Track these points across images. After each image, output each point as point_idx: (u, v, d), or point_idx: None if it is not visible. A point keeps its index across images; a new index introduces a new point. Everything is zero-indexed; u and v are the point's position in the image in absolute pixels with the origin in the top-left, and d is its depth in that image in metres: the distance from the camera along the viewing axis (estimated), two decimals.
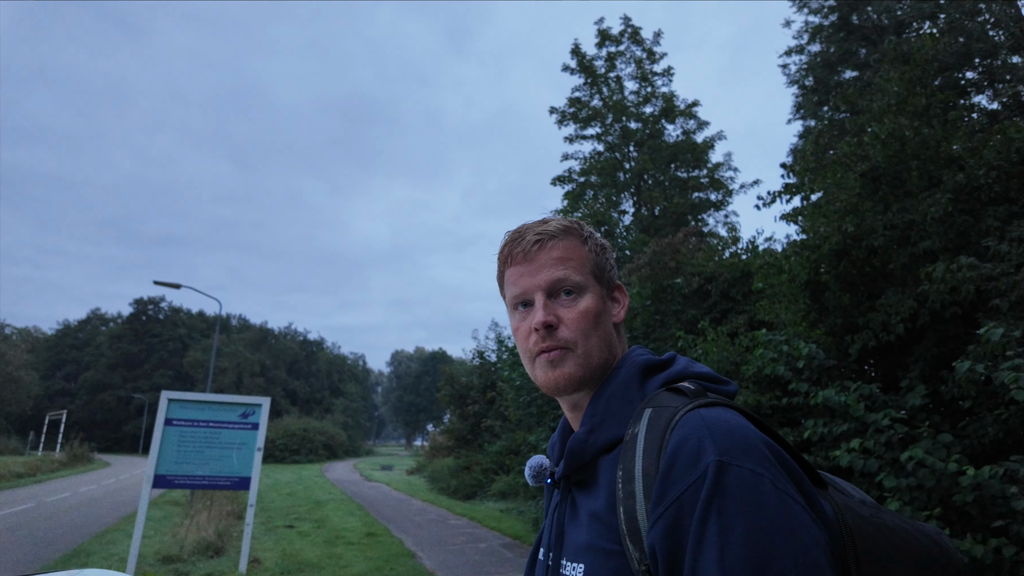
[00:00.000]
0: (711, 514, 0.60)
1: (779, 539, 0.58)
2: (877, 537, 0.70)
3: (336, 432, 49.79)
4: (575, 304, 0.85)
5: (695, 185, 17.38)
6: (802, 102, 18.13)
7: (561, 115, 18.22)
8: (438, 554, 8.76)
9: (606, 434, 0.78)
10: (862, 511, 0.72)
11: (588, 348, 0.84)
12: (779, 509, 0.60)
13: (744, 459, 0.62)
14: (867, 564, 0.67)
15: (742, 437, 0.65)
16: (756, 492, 0.60)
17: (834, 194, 6.21)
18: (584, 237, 0.90)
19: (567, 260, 0.86)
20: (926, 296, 5.20)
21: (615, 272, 0.93)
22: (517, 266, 0.89)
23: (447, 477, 19.67)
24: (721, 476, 0.61)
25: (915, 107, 6.02)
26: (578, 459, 0.80)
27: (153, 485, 6.55)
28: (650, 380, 0.82)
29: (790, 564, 0.57)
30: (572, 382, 0.83)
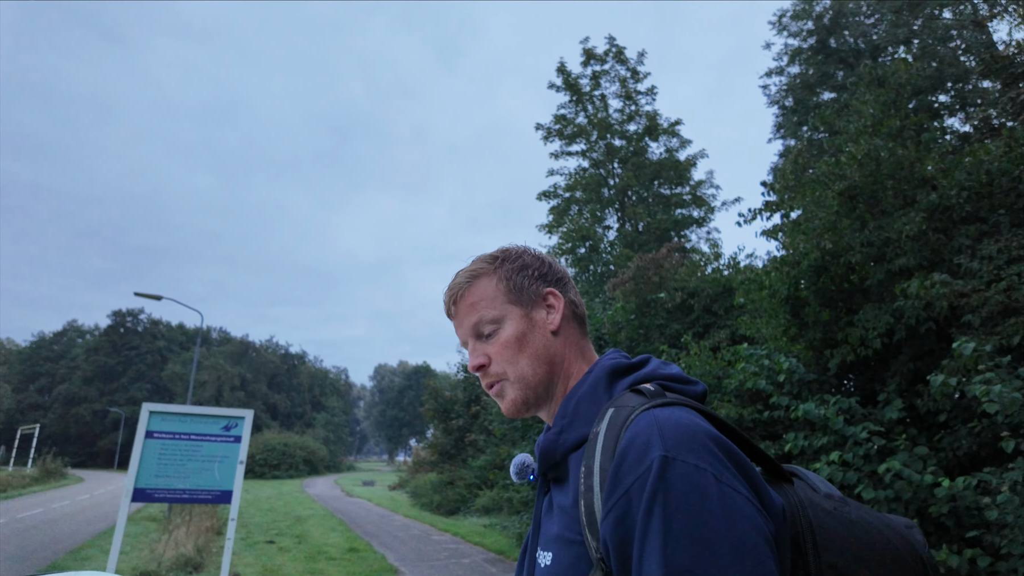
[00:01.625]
0: (655, 507, 0.64)
1: (720, 531, 0.61)
2: (839, 530, 0.73)
3: (317, 447, 49.07)
4: (497, 338, 0.94)
5: (678, 202, 17.65)
6: (782, 122, 18.54)
7: (547, 131, 18.46)
8: (421, 569, 8.69)
9: (574, 433, 0.83)
10: (825, 504, 0.76)
11: (519, 372, 0.92)
12: (719, 501, 0.63)
13: (688, 454, 0.66)
14: (827, 555, 0.70)
15: (689, 434, 0.68)
16: (697, 485, 0.64)
17: (813, 212, 6.37)
18: (494, 270, 0.98)
19: (477, 304, 0.96)
20: (902, 312, 5.34)
21: (541, 283, 0.97)
22: (453, 321, 1.01)
23: (430, 492, 19.51)
24: (665, 470, 0.65)
25: (890, 128, 6.22)
26: (550, 458, 0.85)
27: (132, 499, 6.43)
28: (618, 383, 0.86)
29: (728, 551, 0.60)
30: (519, 406, 0.93)
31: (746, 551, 0.61)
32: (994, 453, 4.81)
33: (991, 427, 4.54)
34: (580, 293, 1.12)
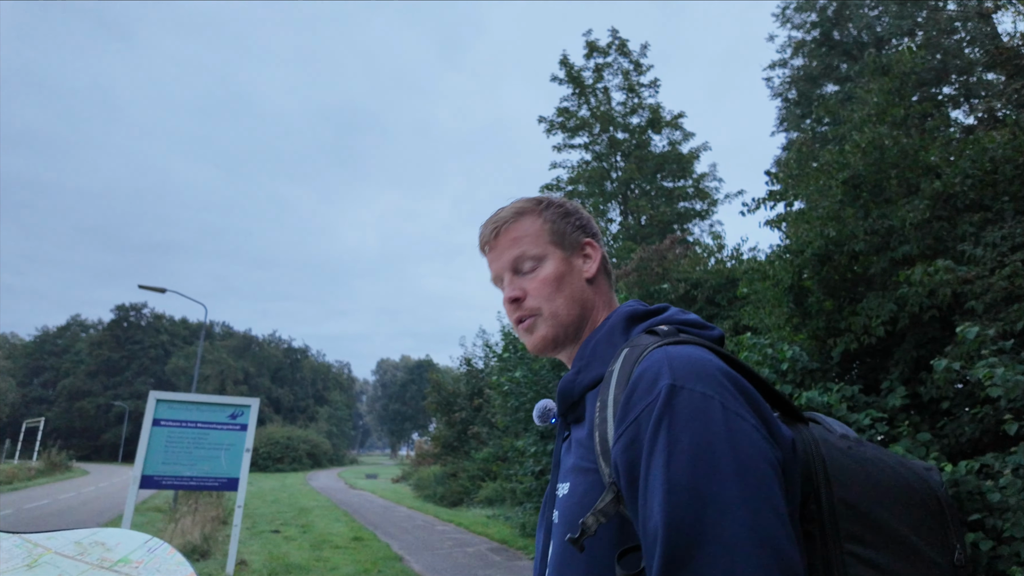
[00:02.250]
0: (661, 429, 0.66)
1: (723, 452, 0.63)
2: (852, 467, 0.74)
3: (320, 441, 49.29)
4: (536, 274, 0.97)
5: (681, 195, 17.64)
6: (785, 115, 18.50)
7: (549, 124, 18.42)
8: (425, 558, 8.76)
9: (591, 373, 0.87)
10: (839, 443, 0.77)
11: (554, 309, 0.95)
12: (724, 425, 0.65)
13: (696, 383, 0.68)
14: (840, 490, 0.72)
15: (699, 366, 0.71)
16: (703, 411, 0.66)
17: (816, 201, 6.37)
18: (539, 211, 1.01)
19: (522, 239, 0.99)
20: (905, 299, 5.35)
21: (581, 232, 1.02)
22: (488, 254, 1.03)
23: (433, 484, 19.60)
24: (672, 397, 0.67)
25: (894, 117, 6.22)
26: (568, 397, 0.88)
27: (140, 486, 6.49)
28: (635, 327, 0.90)
29: (731, 474, 0.62)
30: (547, 342, 0.96)
31: (749, 472, 0.63)
32: (997, 439, 4.84)
33: (994, 413, 4.56)
34: None
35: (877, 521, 0.71)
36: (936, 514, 0.74)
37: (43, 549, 1.16)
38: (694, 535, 0.60)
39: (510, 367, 12.79)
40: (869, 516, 0.71)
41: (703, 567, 0.59)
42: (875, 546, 0.70)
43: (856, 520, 0.71)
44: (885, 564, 0.69)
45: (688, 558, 0.60)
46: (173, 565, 1.30)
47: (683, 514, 0.61)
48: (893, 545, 0.70)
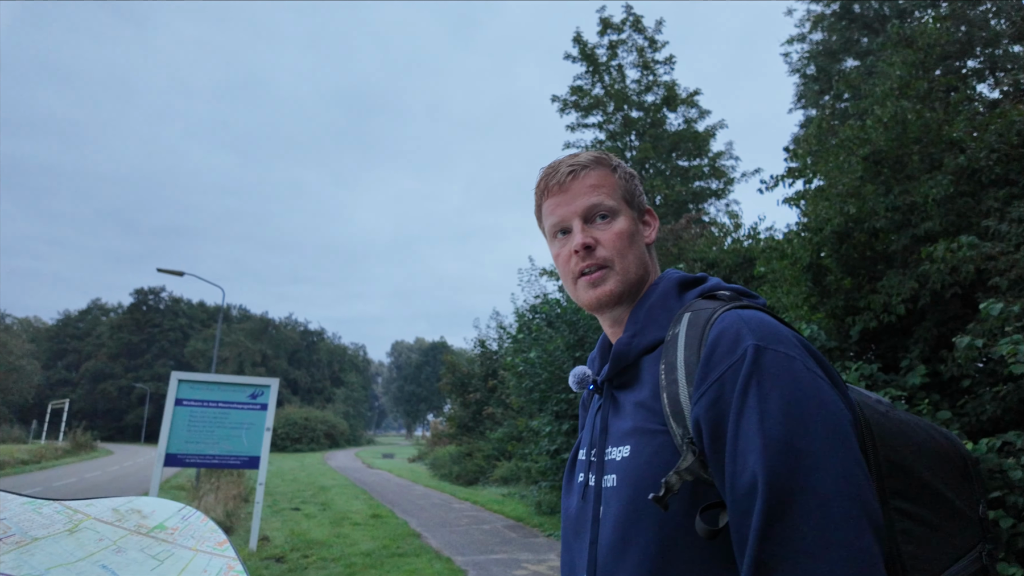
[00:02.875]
0: (751, 387, 0.68)
1: (812, 409, 0.66)
2: (891, 428, 0.78)
3: (337, 421, 49.98)
4: (610, 226, 0.94)
5: (696, 174, 17.44)
6: (803, 91, 18.14)
7: (563, 103, 18.22)
8: (443, 534, 8.90)
9: (648, 337, 0.88)
10: (877, 407, 0.81)
11: (625, 265, 0.93)
12: (811, 384, 0.68)
13: (777, 344, 0.71)
14: (884, 450, 0.76)
15: (774, 328, 0.74)
16: (790, 370, 0.69)
17: (836, 177, 6.27)
18: (613, 166, 0.99)
19: (599, 187, 0.95)
20: (927, 277, 5.28)
21: (644, 198, 1.02)
22: (554, 197, 0.97)
23: (449, 464, 19.83)
24: (759, 357, 0.70)
25: (917, 91, 6.07)
26: (623, 360, 0.89)
27: (165, 464, 6.65)
28: (687, 292, 0.91)
29: (822, 430, 0.65)
30: (613, 298, 0.93)
31: (837, 430, 0.66)
32: (1019, 418, 4.79)
33: (1016, 391, 4.51)
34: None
35: (918, 478, 0.76)
36: (963, 471, 0.79)
37: (83, 515, 1.18)
38: (791, 488, 0.63)
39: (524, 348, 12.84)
40: (911, 473, 0.76)
41: (800, 518, 0.62)
42: (917, 501, 0.75)
43: (900, 477, 0.76)
44: (926, 517, 0.74)
45: (785, 510, 0.62)
46: (207, 532, 1.33)
47: (780, 468, 0.64)
48: (932, 500, 0.75)
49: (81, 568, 1.06)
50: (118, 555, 1.14)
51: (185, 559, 1.23)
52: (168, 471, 18.39)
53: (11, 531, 1.08)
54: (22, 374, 50.98)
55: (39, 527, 1.12)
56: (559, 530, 9.11)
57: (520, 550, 7.82)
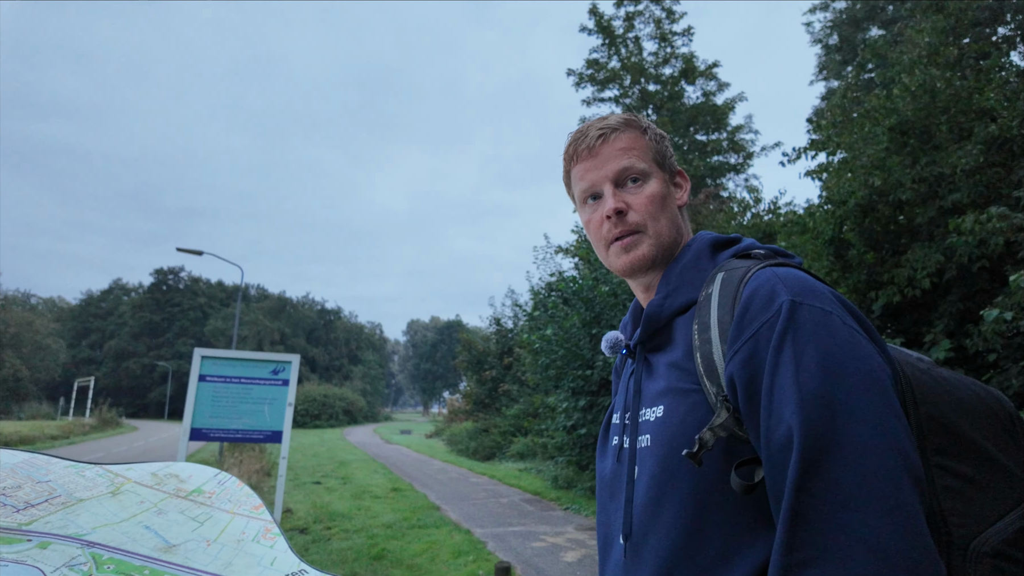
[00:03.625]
0: (786, 342, 0.67)
1: (848, 362, 0.65)
2: (932, 385, 0.76)
3: (355, 398, 50.70)
4: (642, 190, 0.92)
5: (715, 148, 17.16)
6: (825, 62, 17.69)
7: (579, 77, 17.95)
8: (461, 507, 9.04)
9: (680, 298, 0.86)
10: (919, 364, 0.80)
11: (658, 229, 0.91)
12: (848, 339, 0.67)
13: (813, 299, 0.70)
14: (926, 407, 0.75)
15: (810, 284, 0.73)
16: (826, 324, 0.68)
17: (860, 149, 6.14)
18: (644, 128, 0.96)
19: (630, 150, 0.92)
20: (953, 249, 5.18)
21: (675, 160, 0.99)
22: (584, 162, 0.95)
23: (466, 440, 20.06)
24: (794, 312, 0.69)
25: (947, 58, 5.89)
26: (655, 322, 0.87)
27: (190, 438, 6.79)
28: (720, 253, 0.89)
29: (859, 383, 0.64)
30: (646, 262, 0.91)
31: (874, 383, 0.65)
32: None
33: None
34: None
35: (960, 434, 0.74)
36: (1010, 429, 0.77)
37: (123, 479, 1.20)
38: (827, 440, 0.62)
39: (540, 326, 12.86)
40: (953, 430, 0.74)
41: (837, 470, 0.61)
42: (960, 457, 0.73)
43: (942, 434, 0.74)
44: (970, 473, 0.72)
45: (822, 462, 0.62)
46: (243, 496, 1.35)
47: (816, 421, 0.63)
48: (975, 456, 0.73)
49: (125, 528, 1.08)
50: (160, 516, 1.16)
51: (224, 521, 1.25)
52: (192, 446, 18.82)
53: (57, 492, 1.10)
54: (48, 353, 52.23)
55: (83, 489, 1.14)
56: (576, 503, 9.20)
57: (538, 523, 7.92)
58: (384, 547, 6.26)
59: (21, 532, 0.94)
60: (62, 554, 0.91)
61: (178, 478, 1.29)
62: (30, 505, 1.02)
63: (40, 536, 0.94)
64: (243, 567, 1.11)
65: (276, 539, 1.27)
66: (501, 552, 6.26)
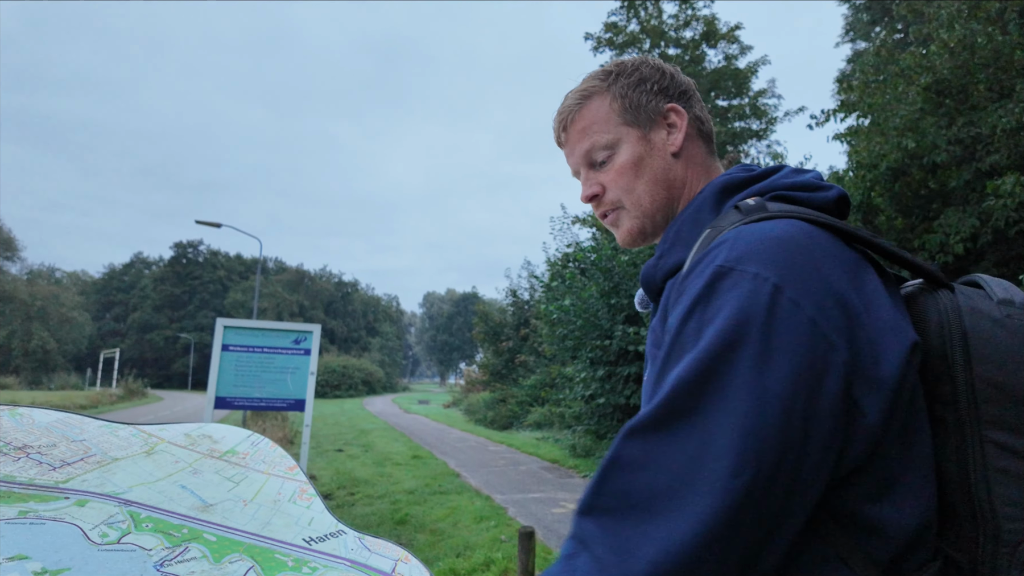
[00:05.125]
0: (694, 313, 0.60)
1: (752, 334, 0.55)
2: (1005, 339, 0.62)
3: (374, 369, 51.45)
4: (611, 165, 0.87)
5: (737, 113, 16.75)
6: (853, 22, 17.08)
7: (597, 41, 17.51)
8: (481, 474, 9.15)
9: (672, 258, 0.78)
10: (994, 312, 0.64)
11: (636, 199, 0.86)
12: (767, 309, 0.56)
13: (750, 264, 0.59)
14: (984, 367, 0.61)
15: (767, 244, 0.60)
16: (748, 292, 0.57)
17: (893, 110, 5.92)
18: (607, 87, 0.87)
19: (589, 128, 0.88)
20: (990, 213, 5.01)
21: (661, 98, 0.87)
22: (563, 149, 0.94)
23: (483, 409, 20.27)
24: (716, 279, 0.60)
25: (988, 12, 5.61)
26: (650, 284, 0.81)
27: (215, 407, 6.91)
28: (728, 200, 0.78)
29: (752, 356, 0.55)
30: (635, 235, 0.88)
31: (773, 365, 0.54)
32: None
33: None
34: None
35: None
36: None
37: (157, 439, 1.19)
38: (685, 407, 0.55)
39: (558, 296, 12.81)
40: (1023, 398, 0.60)
41: (680, 435, 0.55)
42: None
43: (1006, 403, 0.60)
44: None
45: (668, 423, 0.56)
46: (277, 458, 1.34)
47: (685, 385, 0.56)
48: None
49: (161, 487, 1.06)
50: (195, 476, 1.14)
51: (259, 482, 1.23)
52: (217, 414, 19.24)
53: (92, 451, 1.09)
54: (74, 325, 53.50)
55: (117, 448, 1.13)
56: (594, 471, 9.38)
57: (557, 490, 8.00)
58: (407, 512, 6.36)
59: (59, 490, 0.92)
60: (100, 512, 0.90)
61: (211, 439, 1.27)
62: (66, 463, 1.01)
63: (77, 494, 0.93)
64: (281, 526, 1.09)
65: (312, 500, 1.25)
66: (522, 518, 6.34)
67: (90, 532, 0.85)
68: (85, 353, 56.93)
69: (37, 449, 1.02)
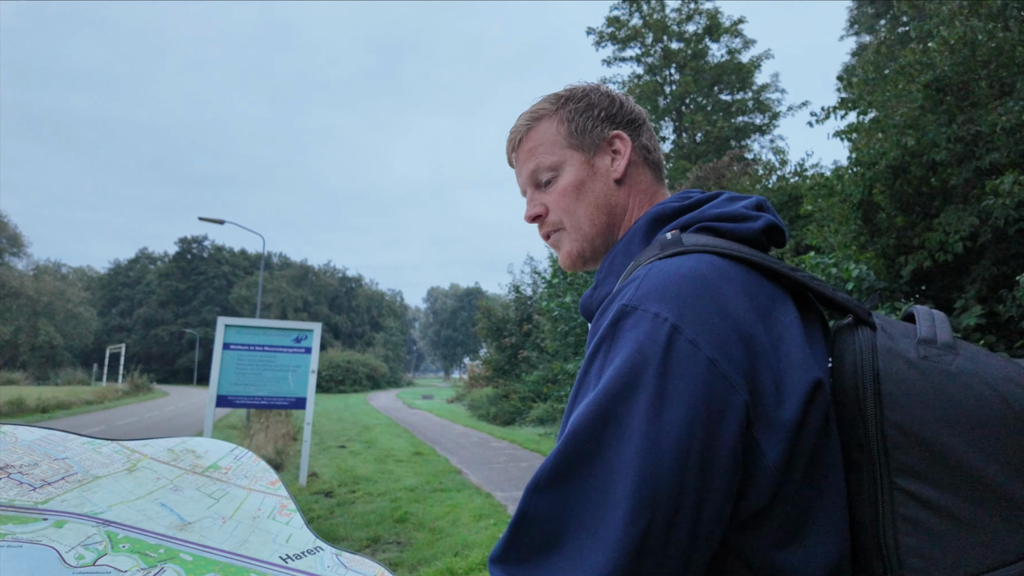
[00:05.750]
0: (599, 352, 0.61)
1: (647, 377, 0.56)
2: (918, 383, 0.59)
3: (378, 364, 51.58)
4: (555, 186, 0.88)
5: (740, 108, 16.68)
6: (857, 15, 16.96)
7: (599, 35, 17.45)
8: (482, 471, 9.19)
9: (604, 289, 0.79)
10: (910, 353, 0.61)
11: (576, 222, 0.87)
12: (664, 351, 0.56)
13: (653, 303, 0.59)
14: (894, 412, 0.59)
15: (671, 282, 0.61)
16: (647, 332, 0.58)
17: (894, 107, 5.89)
18: (555, 110, 0.89)
19: (536, 149, 0.89)
20: (989, 212, 4.98)
21: (607, 125, 0.88)
22: (513, 168, 0.96)
23: (486, 405, 20.32)
24: (619, 319, 0.61)
25: (990, 8, 5.58)
26: (587, 313, 0.82)
27: (216, 405, 6.96)
28: (658, 231, 0.79)
29: (647, 400, 0.55)
30: (575, 258, 0.89)
31: (668, 407, 0.55)
32: None
33: None
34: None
35: (947, 453, 0.57)
36: None
37: (140, 455, 1.20)
38: (585, 452, 0.56)
39: (559, 293, 12.83)
40: (935, 446, 0.57)
41: (580, 483, 0.56)
42: (940, 484, 0.57)
43: (915, 450, 0.58)
44: (952, 508, 0.56)
45: (570, 471, 0.57)
46: (259, 471, 1.35)
47: (583, 431, 0.57)
48: (969, 485, 0.56)
49: (141, 506, 1.07)
50: (175, 493, 1.15)
51: (239, 497, 1.25)
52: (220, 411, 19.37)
53: (73, 470, 1.10)
54: (80, 321, 53.78)
55: (99, 466, 1.14)
56: None
57: None
58: (407, 510, 6.40)
59: (37, 511, 0.93)
60: (77, 533, 0.90)
61: (195, 453, 1.28)
62: (47, 483, 1.02)
63: (56, 515, 0.93)
64: (258, 544, 1.10)
65: (292, 515, 1.26)
66: None
67: (66, 554, 0.85)
68: (91, 348, 57.28)
69: (18, 469, 1.03)
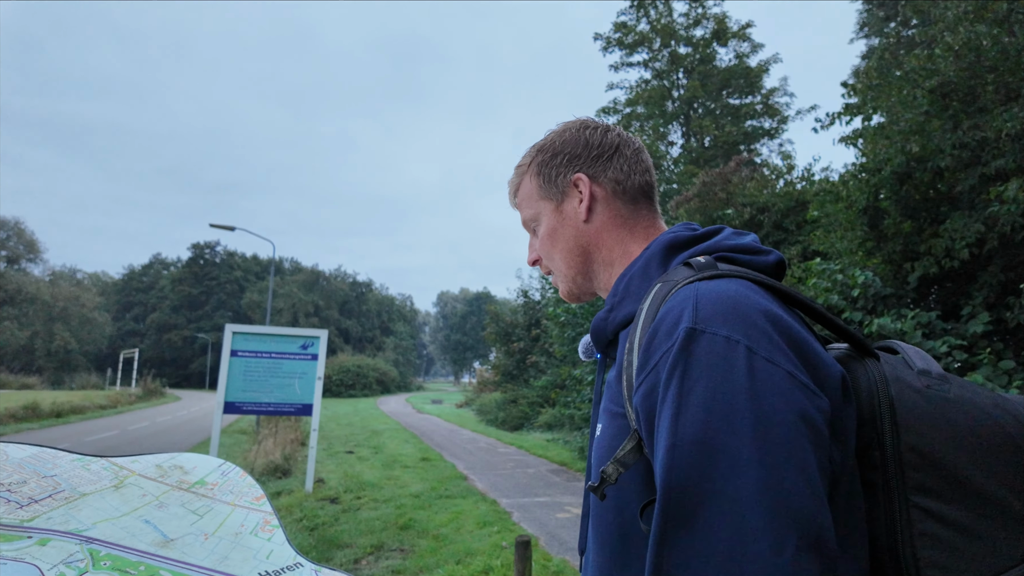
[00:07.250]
0: (673, 379, 0.60)
1: (740, 401, 0.57)
2: (926, 409, 0.65)
3: (388, 368, 51.75)
4: (539, 235, 0.96)
5: (748, 112, 16.61)
6: (867, 18, 16.85)
7: (606, 41, 17.47)
8: (489, 477, 9.20)
9: (623, 311, 0.80)
10: (915, 382, 0.67)
11: (556, 266, 0.95)
12: (747, 374, 0.58)
13: (720, 326, 0.61)
14: (909, 436, 0.64)
15: (729, 305, 0.63)
16: (724, 358, 0.59)
17: (899, 113, 5.85)
18: (528, 165, 0.96)
19: (521, 204, 0.99)
20: (995, 218, 4.94)
21: (567, 169, 0.91)
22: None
23: (495, 410, 20.31)
24: (689, 343, 0.61)
25: (995, 13, 5.53)
26: (601, 336, 0.82)
27: (224, 411, 7.02)
28: (675, 257, 0.81)
29: (748, 426, 0.56)
30: (567, 295, 0.97)
31: (772, 426, 0.56)
32: None
33: None
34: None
35: (955, 472, 0.63)
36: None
37: (128, 471, 1.22)
38: (700, 493, 0.55)
39: None
40: (945, 466, 0.63)
41: (708, 525, 0.55)
42: (951, 500, 0.63)
43: (928, 470, 0.63)
44: (962, 521, 0.62)
45: (692, 516, 0.55)
46: (245, 487, 1.36)
47: (687, 470, 0.56)
48: (974, 500, 0.62)
49: (125, 523, 1.10)
50: (160, 510, 1.17)
51: (224, 513, 1.26)
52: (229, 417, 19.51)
53: (61, 487, 1.12)
54: (94, 326, 54.46)
55: (87, 483, 1.16)
56: None
57: (563, 493, 8.02)
58: (411, 517, 6.42)
59: (22, 529, 0.95)
60: (60, 551, 0.92)
61: (182, 469, 1.31)
62: (33, 501, 1.04)
63: (40, 533, 0.95)
64: (239, 561, 1.12)
65: (274, 531, 1.28)
66: (526, 523, 6.37)
67: (48, 572, 0.87)
68: (105, 353, 57.93)
69: (7, 487, 1.06)
